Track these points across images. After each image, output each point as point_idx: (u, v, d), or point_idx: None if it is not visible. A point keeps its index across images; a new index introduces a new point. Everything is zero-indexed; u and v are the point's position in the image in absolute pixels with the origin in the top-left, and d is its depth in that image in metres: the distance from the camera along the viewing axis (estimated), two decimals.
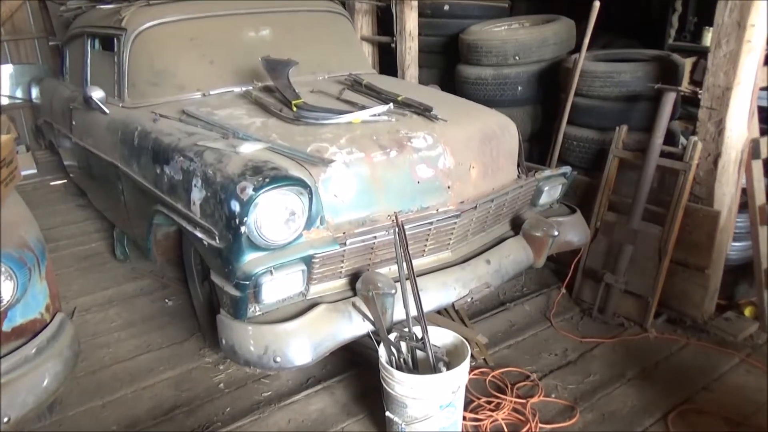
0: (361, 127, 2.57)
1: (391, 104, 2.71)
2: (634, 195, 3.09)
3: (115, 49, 3.44)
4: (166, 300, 3.39)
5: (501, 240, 2.91)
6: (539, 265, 2.97)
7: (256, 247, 2.16)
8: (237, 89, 3.32)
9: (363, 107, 2.79)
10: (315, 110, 2.72)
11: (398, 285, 2.30)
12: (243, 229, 2.10)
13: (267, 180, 2.10)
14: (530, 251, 2.91)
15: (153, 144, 2.78)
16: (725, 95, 2.79)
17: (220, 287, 2.28)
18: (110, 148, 3.33)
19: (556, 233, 2.85)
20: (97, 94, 3.36)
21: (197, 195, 2.34)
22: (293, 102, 2.78)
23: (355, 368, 2.73)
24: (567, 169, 3.17)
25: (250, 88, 3.29)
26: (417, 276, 2.51)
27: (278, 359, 2.15)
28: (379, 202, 2.44)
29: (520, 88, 3.89)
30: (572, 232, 3.08)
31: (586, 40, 3.32)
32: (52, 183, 5.61)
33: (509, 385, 2.61)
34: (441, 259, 2.68)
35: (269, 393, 2.62)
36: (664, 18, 4.68)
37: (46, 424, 2.41)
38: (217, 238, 2.23)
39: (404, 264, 2.23)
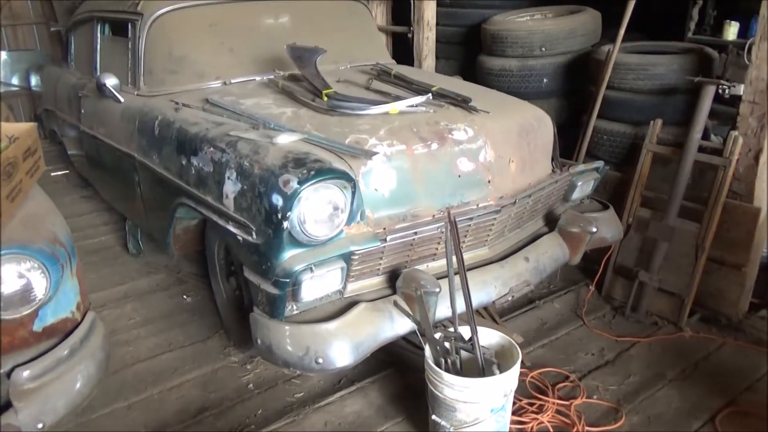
0: (398, 119, 2.46)
1: (429, 95, 2.60)
2: (670, 191, 3.01)
3: (130, 34, 3.30)
4: (184, 296, 3.28)
5: (536, 236, 2.83)
6: (575, 262, 2.89)
7: (297, 244, 2.06)
8: (258, 78, 3.20)
9: (398, 98, 2.68)
10: (348, 100, 2.61)
11: (442, 283, 2.20)
12: (285, 224, 1.99)
13: (312, 173, 1.99)
14: (566, 248, 2.83)
15: (177, 134, 2.66)
16: None
17: (255, 285, 2.18)
18: (126, 138, 3.20)
19: (594, 230, 2.76)
20: (111, 81, 3.22)
21: (231, 188, 2.23)
22: (324, 91, 2.67)
23: (388, 368, 2.63)
24: (600, 163, 3.08)
25: (273, 76, 3.18)
26: (455, 274, 2.43)
27: (320, 360, 2.05)
28: (420, 196, 2.34)
29: (545, 80, 3.80)
30: (606, 228, 3.00)
31: (621, 31, 3.23)
32: (53, 174, 5.44)
33: (549, 386, 2.52)
34: (478, 256, 2.59)
35: (301, 394, 2.52)
36: (666, 11, 4.57)
37: (71, 427, 2.30)
38: (254, 233, 2.12)
39: (453, 261, 2.13)
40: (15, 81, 6.33)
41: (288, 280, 2.05)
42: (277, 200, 1.99)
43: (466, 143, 2.43)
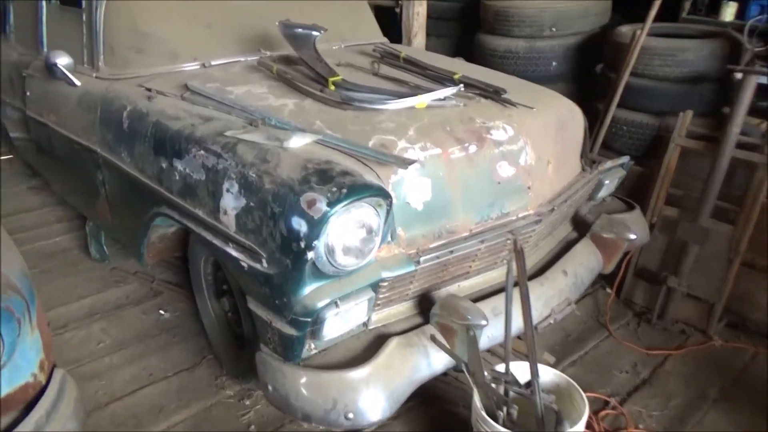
0: (427, 114, 2.09)
1: (461, 86, 2.23)
2: (703, 189, 2.77)
3: (84, 4, 2.77)
4: (161, 311, 2.84)
5: (567, 244, 2.54)
6: (608, 271, 2.62)
7: (320, 276, 1.68)
8: (243, 59, 2.75)
9: (417, 88, 2.30)
10: (362, 90, 2.21)
11: (488, 312, 1.88)
12: (309, 255, 1.60)
13: (343, 191, 1.60)
14: (600, 256, 2.55)
15: (154, 130, 2.20)
16: None
17: (264, 321, 1.80)
18: (85, 129, 2.70)
19: (632, 237, 2.49)
20: (62, 60, 2.70)
21: (231, 203, 1.81)
22: (330, 79, 2.26)
23: (412, 399, 2.31)
24: (625, 158, 2.81)
25: (259, 58, 2.73)
26: (491, 294, 2.12)
27: (350, 415, 1.70)
28: (457, 208, 1.99)
29: (554, 63, 3.49)
30: (633, 230, 2.74)
31: (653, 12, 2.92)
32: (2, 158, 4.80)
33: (593, 417, 2.26)
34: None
35: None
36: None
37: None
38: (264, 261, 1.72)
39: (510, 292, 1.80)
40: None
41: (309, 319, 1.68)
42: (299, 225, 1.60)
43: (506, 144, 2.09)
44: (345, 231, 1.64)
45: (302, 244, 1.59)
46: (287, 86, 2.36)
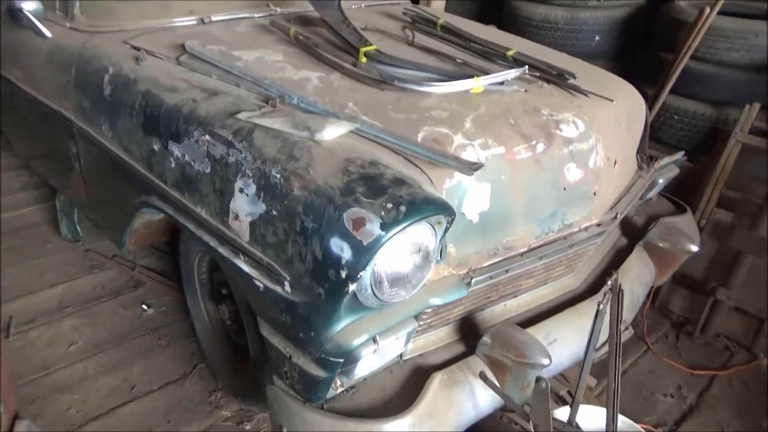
0: (485, 101, 1.71)
1: (526, 67, 1.84)
2: (767, 195, 2.46)
3: None
4: (143, 306, 2.47)
5: (618, 253, 2.22)
6: (660, 283, 2.32)
7: (360, 308, 1.33)
8: (248, 15, 2.32)
9: (465, 65, 1.91)
10: (401, 64, 1.82)
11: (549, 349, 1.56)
12: (351, 287, 1.25)
13: (402, 209, 1.23)
14: (653, 268, 2.24)
15: (144, 102, 1.79)
16: None
17: (282, 353, 1.45)
18: (56, 91, 2.26)
19: (694, 249, 2.17)
20: (29, 5, 2.24)
21: (246, 207, 1.43)
22: (361, 49, 1.86)
23: None
24: (680, 154, 2.47)
25: (269, 14, 2.31)
26: (543, 317, 1.80)
27: None
28: (516, 220, 1.64)
29: (597, 37, 3.10)
30: (694, 240, 2.43)
31: None
32: None
33: None
34: (564, 287, 1.95)
35: None
36: None
37: None
38: (286, 284, 1.36)
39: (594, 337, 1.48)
40: None
41: (341, 360, 1.34)
42: (341, 249, 1.23)
43: (576, 142, 1.73)
44: (398, 257, 1.28)
45: (343, 274, 1.23)
46: (308, 54, 1.95)
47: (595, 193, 1.81)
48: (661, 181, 2.38)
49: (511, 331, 1.59)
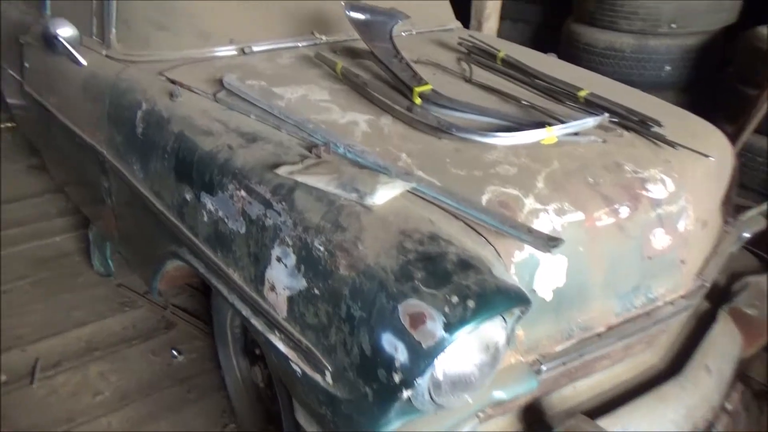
0: (558, 154, 1.49)
1: (606, 115, 1.61)
2: None
3: None
4: (174, 351, 2.32)
5: (699, 320, 1.95)
6: (746, 356, 2.03)
7: (413, 411, 1.12)
8: (292, 44, 2.16)
9: (533, 108, 1.69)
10: (461, 108, 1.61)
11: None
12: (406, 393, 1.04)
13: (471, 306, 1.02)
14: (739, 338, 1.96)
15: (177, 145, 1.63)
16: None
17: None
18: (90, 122, 2.14)
19: None
20: (65, 32, 2.13)
21: (284, 279, 1.25)
22: (416, 89, 1.66)
23: None
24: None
25: (314, 43, 2.14)
26: (619, 403, 1.55)
27: None
28: (594, 296, 1.41)
29: (668, 67, 2.84)
30: None
31: None
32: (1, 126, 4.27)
33: None
34: (642, 364, 1.70)
35: None
36: None
37: None
38: (328, 375, 1.17)
39: None
40: None
41: None
42: (394, 349, 1.03)
43: (665, 204, 1.49)
44: (462, 358, 1.07)
45: (396, 378, 1.03)
46: (356, 93, 1.76)
47: (683, 261, 1.57)
48: (746, 235, 2.11)
49: (584, 429, 1.36)
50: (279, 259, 1.26)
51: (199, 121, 1.64)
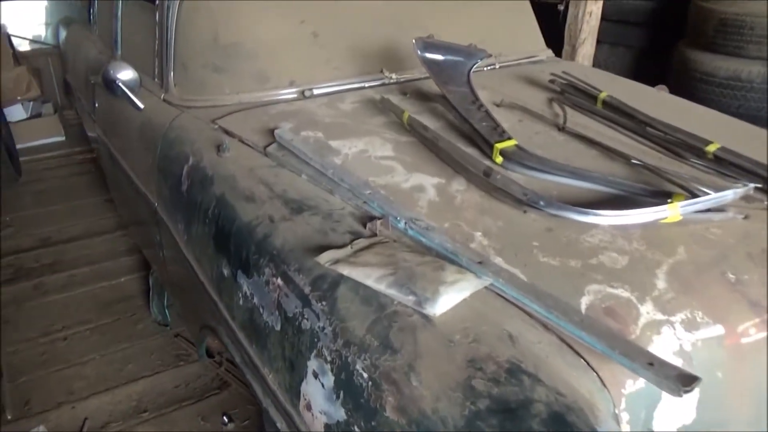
0: (683, 237, 1.14)
1: (752, 186, 1.24)
2: None
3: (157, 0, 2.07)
4: (225, 417, 2.13)
5: None
6: None
7: None
8: (358, 84, 1.93)
9: (646, 169, 1.34)
10: (556, 171, 1.30)
11: None
12: None
13: None
14: None
15: (217, 210, 1.43)
16: None
17: None
18: (143, 169, 2.03)
19: None
20: (125, 75, 2.01)
21: (320, 400, 0.99)
22: (497, 146, 1.37)
23: None
24: None
25: (382, 82, 1.91)
26: None
27: None
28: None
29: None
30: None
31: None
32: (80, 157, 4.39)
33: None
34: None
35: None
36: None
37: None
38: None
39: None
40: (49, 36, 5.27)
41: None
42: None
43: None
44: None
45: None
46: (423, 146, 1.49)
47: None
48: None
49: None
50: (316, 375, 1.00)
51: (243, 182, 1.43)
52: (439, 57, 1.68)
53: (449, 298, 0.96)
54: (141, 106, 2.03)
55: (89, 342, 2.51)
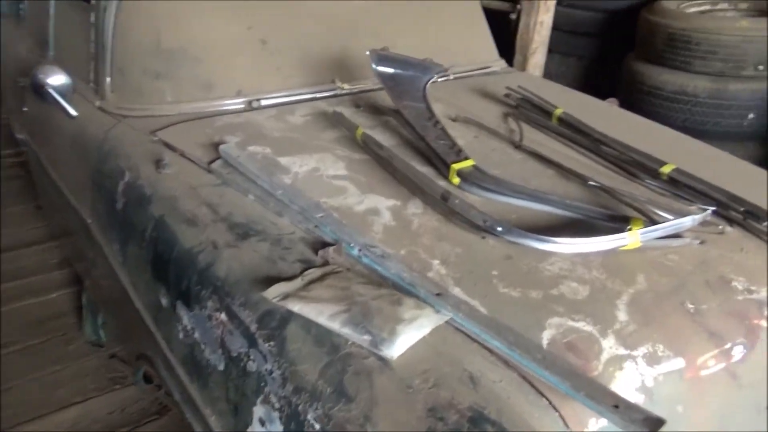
0: (642, 265, 1.12)
1: (709, 211, 1.23)
2: None
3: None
4: None
5: None
6: None
7: None
8: (307, 95, 1.85)
9: (603, 191, 1.32)
10: (514, 194, 1.26)
11: None
12: None
13: None
14: None
15: (155, 232, 1.32)
16: None
17: None
18: (76, 185, 1.88)
19: None
20: (55, 80, 1.85)
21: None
22: (453, 167, 1.32)
23: None
24: None
25: (333, 92, 1.83)
26: None
27: None
28: None
29: (751, 115, 2.43)
30: None
31: None
32: (8, 161, 4.09)
33: None
34: None
35: None
36: None
37: None
38: None
39: None
40: None
41: None
42: None
43: None
44: None
45: None
46: (378, 165, 1.43)
47: None
48: None
49: None
50: (263, 422, 0.92)
51: (184, 203, 1.33)
52: (394, 71, 1.62)
53: (407, 337, 0.90)
54: (74, 113, 1.88)
55: (18, 366, 2.32)
